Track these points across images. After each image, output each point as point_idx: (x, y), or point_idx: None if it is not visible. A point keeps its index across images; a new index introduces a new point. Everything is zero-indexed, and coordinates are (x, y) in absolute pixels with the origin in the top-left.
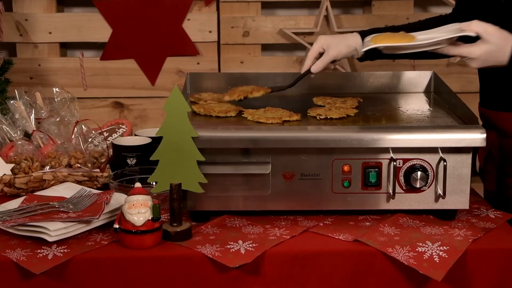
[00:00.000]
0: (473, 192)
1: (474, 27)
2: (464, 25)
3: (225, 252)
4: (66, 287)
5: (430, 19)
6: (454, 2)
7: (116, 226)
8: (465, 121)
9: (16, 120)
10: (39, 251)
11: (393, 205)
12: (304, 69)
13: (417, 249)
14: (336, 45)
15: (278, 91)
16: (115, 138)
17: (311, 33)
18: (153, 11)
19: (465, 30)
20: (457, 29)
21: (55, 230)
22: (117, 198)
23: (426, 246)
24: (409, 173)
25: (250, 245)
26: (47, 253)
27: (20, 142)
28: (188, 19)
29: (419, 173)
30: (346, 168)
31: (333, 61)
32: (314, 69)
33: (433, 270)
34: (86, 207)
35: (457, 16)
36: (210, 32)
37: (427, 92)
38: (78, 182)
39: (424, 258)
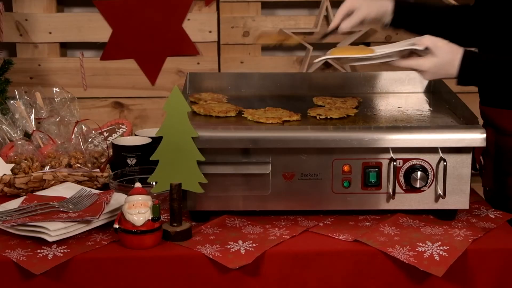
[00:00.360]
0: (473, 192)
1: (425, 41)
2: (416, 39)
3: (225, 252)
4: (66, 287)
5: (456, 7)
6: (454, 2)
7: (116, 226)
8: (465, 121)
9: (16, 120)
10: (39, 251)
11: (393, 205)
12: (331, 27)
13: (417, 249)
14: (368, 5)
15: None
16: (115, 138)
17: (311, 33)
18: (153, 11)
19: (416, 44)
20: (411, 43)
21: (55, 230)
22: (117, 198)
23: (426, 246)
24: (409, 173)
25: (250, 245)
26: (47, 253)
27: (20, 142)
28: (188, 19)
29: (419, 173)
30: (346, 168)
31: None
32: (343, 27)
33: (433, 267)
34: (86, 207)
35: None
36: (210, 32)
37: (427, 92)
38: (78, 182)
39: (425, 257)
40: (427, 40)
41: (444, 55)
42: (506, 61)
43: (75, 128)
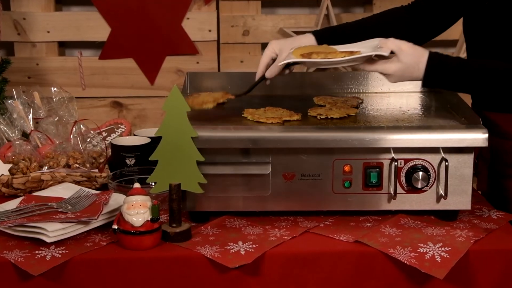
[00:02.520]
0: (475, 193)
1: (389, 44)
2: (381, 42)
3: (225, 253)
4: None
5: (385, 12)
6: None
7: (115, 226)
8: (467, 121)
9: (14, 120)
10: (37, 252)
11: (394, 205)
12: (257, 76)
13: (418, 250)
14: (289, 47)
15: (238, 96)
16: (114, 138)
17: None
18: (152, 10)
19: (381, 47)
20: (375, 45)
21: (53, 231)
22: (116, 199)
23: (428, 247)
24: (411, 173)
25: (250, 246)
26: (45, 254)
27: (18, 142)
28: (188, 18)
29: (420, 173)
30: (347, 168)
31: (288, 66)
32: (268, 74)
33: (435, 269)
34: (84, 207)
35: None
36: (210, 31)
37: (428, 91)
38: (77, 183)
39: (426, 258)
40: (392, 44)
41: (409, 58)
42: (472, 64)
43: (74, 128)
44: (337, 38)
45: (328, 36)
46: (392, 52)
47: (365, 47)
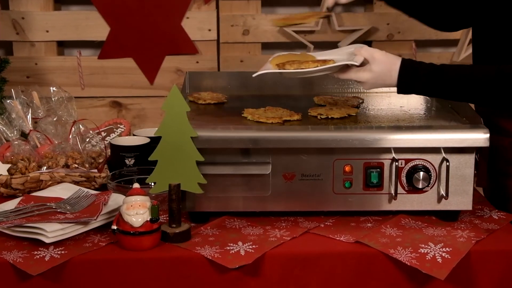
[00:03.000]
0: (476, 193)
1: (363, 52)
2: (356, 50)
3: (225, 253)
4: None
5: None
6: None
7: (114, 227)
8: (468, 121)
9: (13, 120)
10: (36, 252)
11: (395, 206)
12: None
13: (419, 251)
14: None
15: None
16: (113, 138)
17: (312, 32)
18: (152, 9)
19: (356, 55)
20: (351, 52)
21: (52, 231)
22: (115, 199)
23: (429, 247)
24: (411, 173)
25: (250, 247)
26: (44, 254)
27: (16, 142)
28: (187, 17)
29: (421, 173)
30: (347, 168)
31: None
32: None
33: (436, 269)
34: (83, 208)
35: None
36: (210, 30)
37: None
38: (76, 183)
39: (427, 259)
40: (365, 52)
41: (381, 66)
42: (446, 69)
43: (73, 128)
44: None
45: None
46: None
47: (340, 55)
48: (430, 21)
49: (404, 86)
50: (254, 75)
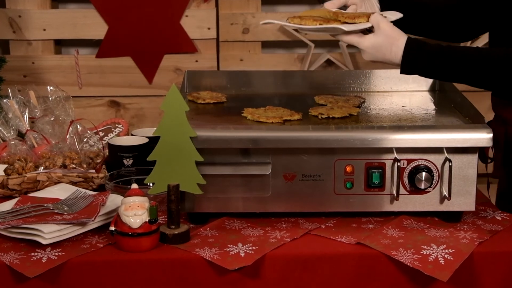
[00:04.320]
0: (479, 194)
1: (372, 18)
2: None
3: (224, 255)
4: None
5: None
6: None
7: (112, 228)
8: (471, 121)
9: (9, 120)
10: (33, 254)
11: (397, 206)
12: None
13: (421, 252)
14: None
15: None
16: (111, 138)
17: None
18: (150, 8)
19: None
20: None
21: (49, 232)
22: (113, 200)
23: (431, 249)
24: (414, 174)
25: (250, 248)
26: (41, 256)
27: (13, 142)
28: (186, 16)
29: (423, 174)
30: (348, 168)
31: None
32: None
33: (438, 271)
34: (81, 208)
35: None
36: (209, 29)
37: (432, 90)
38: (73, 183)
39: (429, 260)
40: (372, 18)
41: (383, 38)
42: (453, 50)
43: (70, 128)
44: (397, 3)
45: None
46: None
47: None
48: (448, 36)
49: (409, 65)
50: (261, 22)
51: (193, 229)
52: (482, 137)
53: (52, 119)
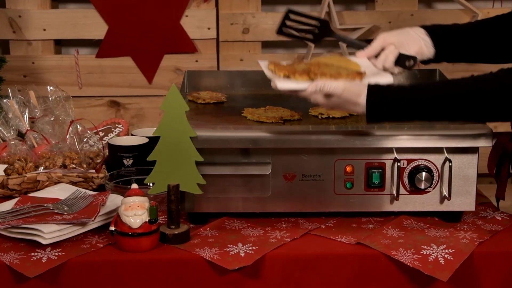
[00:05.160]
0: (479, 194)
1: (311, 86)
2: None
3: (224, 255)
4: None
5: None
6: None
7: (112, 228)
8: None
9: (9, 120)
10: (33, 254)
11: (397, 206)
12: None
13: (421, 252)
14: (396, 40)
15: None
16: (111, 138)
17: None
18: (150, 8)
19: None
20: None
21: (49, 232)
22: (113, 200)
23: (431, 249)
24: (414, 174)
25: (250, 248)
26: (41, 256)
27: (13, 142)
28: (186, 16)
29: (423, 174)
30: (348, 168)
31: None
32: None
33: (438, 271)
34: (81, 208)
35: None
36: (209, 29)
37: None
38: (73, 183)
39: (429, 260)
40: (315, 86)
41: (343, 100)
42: (417, 89)
43: (70, 128)
44: (447, 36)
45: (440, 32)
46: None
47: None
48: (492, 59)
49: (374, 114)
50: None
51: (193, 229)
52: (482, 137)
53: (52, 119)
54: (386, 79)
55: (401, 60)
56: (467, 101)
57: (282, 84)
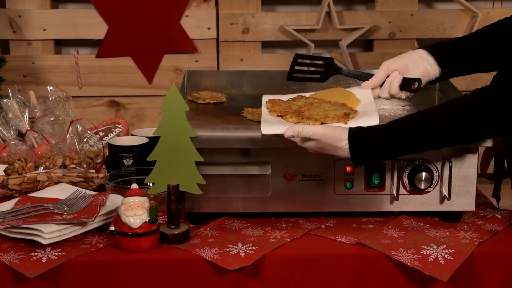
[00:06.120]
0: (479, 194)
1: (296, 128)
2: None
3: (224, 255)
4: None
5: (496, 24)
6: None
7: (112, 228)
8: None
9: (9, 120)
10: (33, 254)
11: (397, 206)
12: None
13: (421, 252)
14: (400, 66)
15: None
16: (111, 138)
17: (312, 30)
18: (150, 8)
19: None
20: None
21: (49, 232)
22: (113, 200)
23: (431, 249)
24: (414, 174)
25: (250, 248)
26: (41, 256)
27: (13, 142)
28: (186, 16)
29: (423, 174)
30: (348, 168)
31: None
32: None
33: (438, 271)
34: (81, 208)
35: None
36: (209, 29)
37: (432, 90)
38: (73, 183)
39: (429, 260)
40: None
41: (324, 144)
42: (395, 126)
43: (70, 128)
44: (449, 52)
45: (441, 49)
46: None
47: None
48: (498, 66)
49: (359, 157)
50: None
51: (193, 229)
52: None
53: (52, 119)
54: (372, 121)
55: (406, 84)
56: (446, 128)
57: (266, 129)
